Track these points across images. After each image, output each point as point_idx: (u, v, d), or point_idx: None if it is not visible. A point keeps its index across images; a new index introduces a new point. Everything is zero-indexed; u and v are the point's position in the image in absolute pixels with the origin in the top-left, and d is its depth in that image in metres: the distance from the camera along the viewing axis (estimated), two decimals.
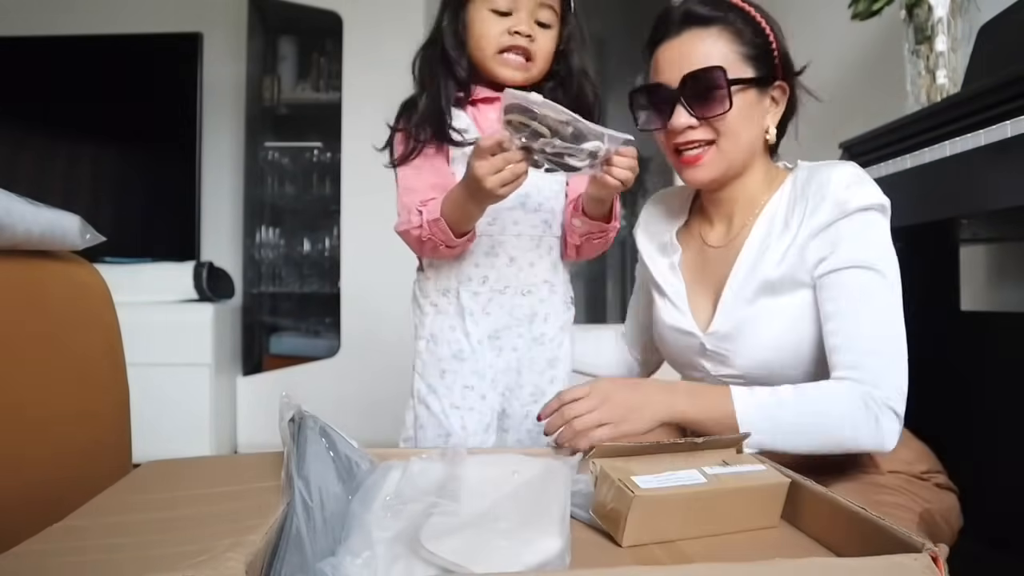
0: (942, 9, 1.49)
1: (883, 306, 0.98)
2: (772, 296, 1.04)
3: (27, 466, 0.88)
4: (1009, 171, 1.05)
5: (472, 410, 1.15)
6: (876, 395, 0.95)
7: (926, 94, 1.51)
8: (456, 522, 0.66)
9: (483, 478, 0.75)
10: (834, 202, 1.00)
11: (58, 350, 0.97)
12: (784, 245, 1.03)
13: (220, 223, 3.29)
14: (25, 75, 3.06)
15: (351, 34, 3.01)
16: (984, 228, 1.49)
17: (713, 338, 1.08)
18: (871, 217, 1.00)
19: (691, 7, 1.06)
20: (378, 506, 0.69)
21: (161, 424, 2.56)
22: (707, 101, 1.03)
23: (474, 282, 1.15)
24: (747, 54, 1.05)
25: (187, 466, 0.90)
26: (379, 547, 0.62)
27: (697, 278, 1.14)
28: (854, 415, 0.94)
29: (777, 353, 1.04)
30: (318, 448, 0.73)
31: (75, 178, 3.15)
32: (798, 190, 1.05)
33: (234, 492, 0.72)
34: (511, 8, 1.11)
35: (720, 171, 1.07)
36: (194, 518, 0.66)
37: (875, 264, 0.99)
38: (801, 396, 0.96)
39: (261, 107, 3.22)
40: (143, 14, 3.28)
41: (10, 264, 0.90)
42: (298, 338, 3.25)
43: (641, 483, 0.68)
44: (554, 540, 0.63)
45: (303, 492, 0.66)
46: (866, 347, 0.97)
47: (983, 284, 1.77)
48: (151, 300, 2.80)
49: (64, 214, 0.98)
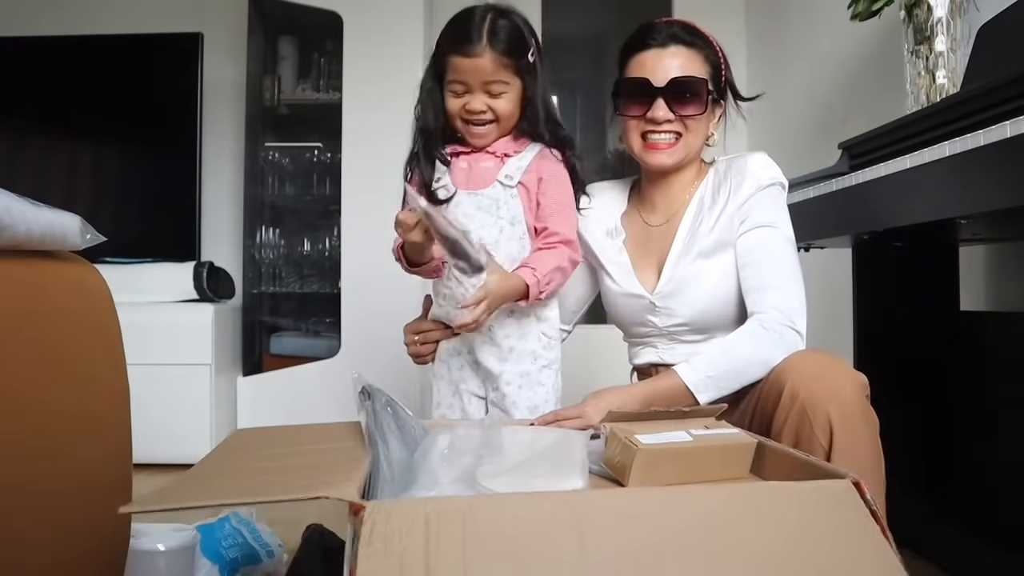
0: (941, 9, 1.49)
1: (779, 253, 1.30)
2: (706, 258, 1.33)
3: (27, 466, 0.88)
4: (1009, 171, 1.05)
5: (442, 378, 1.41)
6: (776, 318, 1.24)
7: (925, 94, 1.52)
8: (502, 469, 0.87)
9: (517, 441, 0.98)
10: (754, 179, 1.31)
11: (58, 350, 0.97)
12: (714, 217, 1.34)
13: (220, 223, 3.29)
14: (25, 75, 3.06)
15: (351, 34, 3.01)
16: (984, 228, 1.49)
17: (660, 296, 1.36)
18: (775, 191, 1.33)
19: (677, 31, 1.35)
20: (436, 458, 0.89)
21: (162, 424, 2.56)
22: (687, 102, 1.32)
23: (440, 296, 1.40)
24: (711, 74, 1.36)
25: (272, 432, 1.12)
26: (444, 485, 0.83)
27: (641, 253, 1.42)
28: (763, 345, 1.22)
29: (713, 302, 1.33)
30: (386, 415, 0.96)
31: (75, 178, 3.15)
32: (720, 176, 1.37)
33: (325, 449, 0.94)
34: (465, 90, 1.31)
35: (679, 159, 1.36)
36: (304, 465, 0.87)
37: (773, 223, 1.30)
38: (723, 350, 1.25)
39: (261, 107, 3.21)
40: (143, 14, 3.28)
41: (10, 264, 0.90)
42: (298, 338, 3.24)
43: (643, 440, 0.87)
44: (577, 481, 0.86)
45: (382, 447, 0.89)
46: (768, 283, 1.28)
47: (983, 284, 1.77)
48: (151, 300, 2.80)
49: (64, 214, 0.98)
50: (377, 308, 2.85)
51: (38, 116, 3.08)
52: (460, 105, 1.32)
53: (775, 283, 1.27)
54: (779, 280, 1.28)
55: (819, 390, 1.08)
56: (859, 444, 1.06)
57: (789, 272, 1.29)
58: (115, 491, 1.03)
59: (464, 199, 1.34)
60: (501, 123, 1.34)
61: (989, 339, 1.57)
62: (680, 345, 1.38)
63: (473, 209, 1.33)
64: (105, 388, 1.09)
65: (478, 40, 1.28)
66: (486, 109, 1.31)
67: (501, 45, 1.28)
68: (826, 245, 1.77)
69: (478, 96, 1.31)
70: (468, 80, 1.30)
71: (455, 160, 1.37)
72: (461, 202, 1.34)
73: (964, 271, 1.71)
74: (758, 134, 3.15)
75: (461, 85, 1.31)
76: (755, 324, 1.25)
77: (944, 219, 1.26)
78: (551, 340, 1.38)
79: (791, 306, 1.25)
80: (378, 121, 2.90)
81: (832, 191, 1.50)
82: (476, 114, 1.32)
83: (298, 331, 3.28)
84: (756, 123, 3.38)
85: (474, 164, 1.36)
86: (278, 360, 3.14)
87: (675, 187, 1.41)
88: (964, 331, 1.61)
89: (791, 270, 1.29)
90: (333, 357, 3.00)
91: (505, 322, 1.35)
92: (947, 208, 1.23)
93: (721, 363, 1.23)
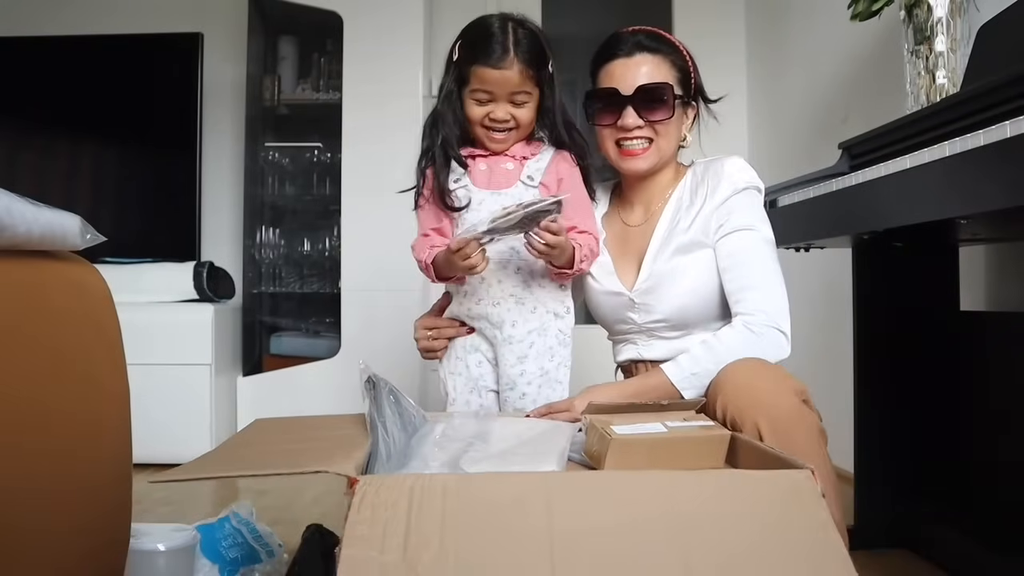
0: (941, 10, 1.49)
1: (760, 255, 1.33)
2: (683, 255, 1.37)
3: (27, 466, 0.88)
4: (1009, 171, 1.05)
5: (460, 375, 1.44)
6: (761, 319, 1.27)
7: (925, 94, 1.51)
8: (485, 455, 0.94)
9: (508, 431, 1.04)
10: (729, 182, 1.35)
11: (58, 350, 0.97)
12: (691, 217, 1.37)
13: (220, 223, 3.29)
14: (25, 75, 3.06)
15: (351, 34, 3.01)
16: (984, 228, 1.49)
17: (639, 293, 1.39)
18: (751, 194, 1.37)
19: (641, 39, 1.39)
20: (430, 443, 0.96)
21: (162, 424, 2.56)
22: (654, 108, 1.36)
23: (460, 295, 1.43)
24: (679, 79, 1.39)
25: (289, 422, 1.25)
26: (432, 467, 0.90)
27: (620, 252, 1.45)
28: (752, 342, 1.26)
29: (691, 298, 1.36)
30: (388, 402, 1.02)
31: (75, 178, 3.15)
32: (698, 178, 1.41)
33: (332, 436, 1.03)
34: (489, 99, 1.35)
35: (653, 163, 1.40)
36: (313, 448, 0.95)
37: (754, 226, 1.34)
38: (708, 348, 1.27)
39: (261, 107, 3.21)
40: (143, 14, 3.28)
41: (10, 264, 0.90)
42: (298, 338, 3.24)
43: (617, 431, 0.91)
44: (553, 466, 0.92)
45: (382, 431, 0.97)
46: (750, 283, 1.31)
47: (983, 284, 1.77)
48: (151, 300, 2.80)
49: (64, 214, 0.98)
50: (377, 308, 2.86)
51: (38, 116, 3.08)
52: (484, 113, 1.36)
53: (758, 284, 1.31)
54: (762, 281, 1.31)
55: (746, 402, 1.11)
56: (794, 449, 1.05)
57: (771, 274, 1.32)
58: (115, 491, 1.03)
59: (487, 198, 1.38)
60: (520, 130, 1.38)
61: (989, 339, 1.57)
62: (659, 341, 1.41)
63: (498, 208, 1.34)
64: (105, 388, 1.09)
65: (506, 53, 1.32)
66: (509, 118, 1.36)
67: (526, 57, 1.33)
68: (826, 245, 1.77)
69: (502, 105, 1.35)
70: (494, 90, 1.34)
71: (473, 163, 1.41)
72: (484, 200, 1.37)
73: (964, 271, 1.71)
74: (758, 134, 3.15)
75: (486, 94, 1.35)
76: (740, 324, 1.28)
77: (944, 219, 1.26)
78: (566, 337, 1.41)
79: (776, 307, 1.28)
80: (378, 121, 2.91)
81: (832, 191, 1.50)
82: (500, 122, 1.36)
83: (298, 331, 3.28)
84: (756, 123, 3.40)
85: (494, 166, 1.40)
86: (278, 360, 3.14)
87: (653, 189, 1.45)
88: (964, 331, 1.61)
89: (773, 272, 1.33)
90: (333, 357, 3.00)
91: (529, 318, 1.38)
92: (947, 208, 1.23)
93: (707, 361, 1.25)
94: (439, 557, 0.69)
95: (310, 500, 2.06)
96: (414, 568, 0.68)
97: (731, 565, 0.71)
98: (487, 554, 0.70)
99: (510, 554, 0.70)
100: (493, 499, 0.75)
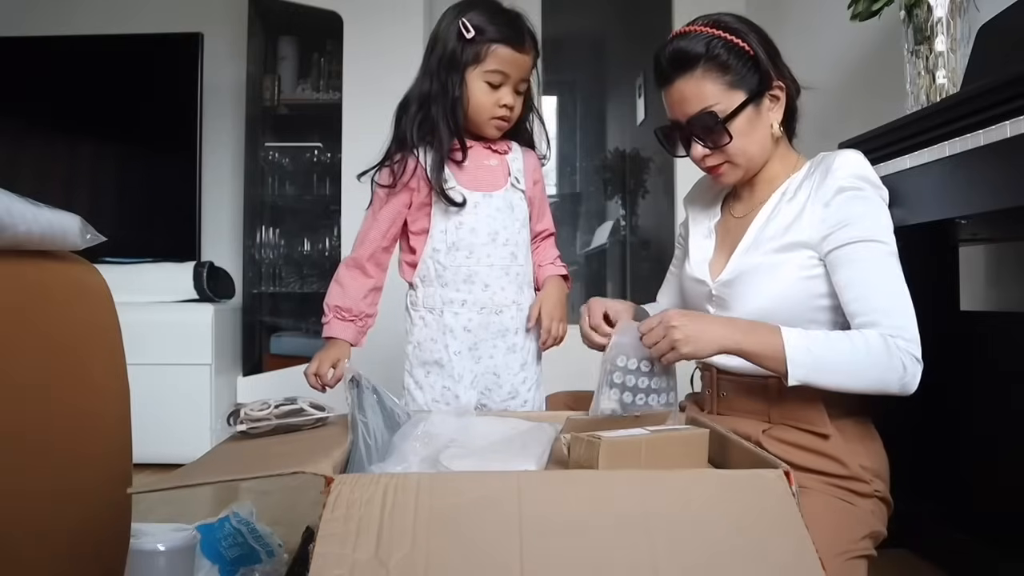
0: (941, 10, 1.49)
1: (889, 271, 1.13)
2: (774, 253, 1.19)
3: (27, 465, 0.88)
4: (1009, 171, 1.06)
5: (448, 404, 1.36)
6: (899, 344, 1.07)
7: (925, 94, 1.52)
8: (465, 452, 0.94)
9: (488, 429, 1.04)
10: (834, 179, 1.15)
11: (59, 350, 0.97)
12: (792, 212, 1.19)
13: (220, 223, 3.29)
14: (25, 75, 3.06)
15: (351, 34, 3.01)
16: (984, 228, 1.49)
17: (719, 284, 1.25)
18: (864, 196, 1.15)
19: (674, 51, 1.21)
20: (411, 440, 0.96)
21: (162, 424, 2.56)
22: (711, 135, 1.21)
23: (455, 304, 1.36)
24: (733, 81, 1.20)
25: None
26: (412, 463, 0.91)
27: (721, 241, 1.33)
28: (883, 360, 1.07)
29: (775, 303, 1.18)
30: (372, 401, 1.02)
31: (75, 178, 3.15)
32: (811, 171, 1.22)
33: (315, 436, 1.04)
34: (502, 82, 1.29)
35: (739, 176, 1.26)
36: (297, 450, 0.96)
37: (878, 236, 1.13)
38: (839, 338, 1.09)
39: (261, 107, 3.21)
40: (143, 14, 3.28)
41: (10, 264, 0.90)
42: (298, 338, 3.24)
43: (604, 436, 0.91)
44: (531, 465, 0.92)
45: (363, 429, 0.97)
46: (882, 306, 1.10)
47: (983, 284, 1.77)
48: (151, 300, 2.80)
49: (64, 214, 0.98)
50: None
51: (38, 116, 3.08)
52: (494, 100, 1.30)
53: (889, 306, 1.11)
54: (892, 302, 1.11)
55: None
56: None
57: (901, 296, 1.12)
58: (115, 491, 1.03)
59: (481, 200, 1.34)
60: (512, 121, 1.36)
61: (989, 339, 1.57)
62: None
63: (494, 211, 1.35)
64: (105, 388, 1.09)
65: (529, 36, 1.30)
66: (515, 105, 1.32)
67: (535, 45, 1.32)
68: None
69: (510, 92, 1.31)
70: (511, 73, 1.29)
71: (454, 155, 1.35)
72: (479, 203, 1.34)
73: (964, 271, 1.70)
74: None
75: (500, 76, 1.29)
76: (878, 336, 1.08)
77: (944, 219, 1.26)
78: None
79: (911, 334, 1.09)
80: (378, 121, 2.89)
81: None
82: (509, 109, 1.31)
83: (298, 331, 3.28)
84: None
85: (477, 161, 1.36)
86: (278, 360, 3.14)
87: (759, 181, 1.30)
88: (964, 331, 1.61)
89: (902, 293, 1.12)
90: None
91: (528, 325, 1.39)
92: (947, 208, 1.23)
93: (827, 349, 1.08)
94: (411, 555, 0.70)
95: (310, 500, 2.06)
96: (385, 565, 0.69)
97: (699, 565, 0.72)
98: (457, 552, 0.71)
99: (480, 552, 0.71)
100: (467, 497, 0.76)
